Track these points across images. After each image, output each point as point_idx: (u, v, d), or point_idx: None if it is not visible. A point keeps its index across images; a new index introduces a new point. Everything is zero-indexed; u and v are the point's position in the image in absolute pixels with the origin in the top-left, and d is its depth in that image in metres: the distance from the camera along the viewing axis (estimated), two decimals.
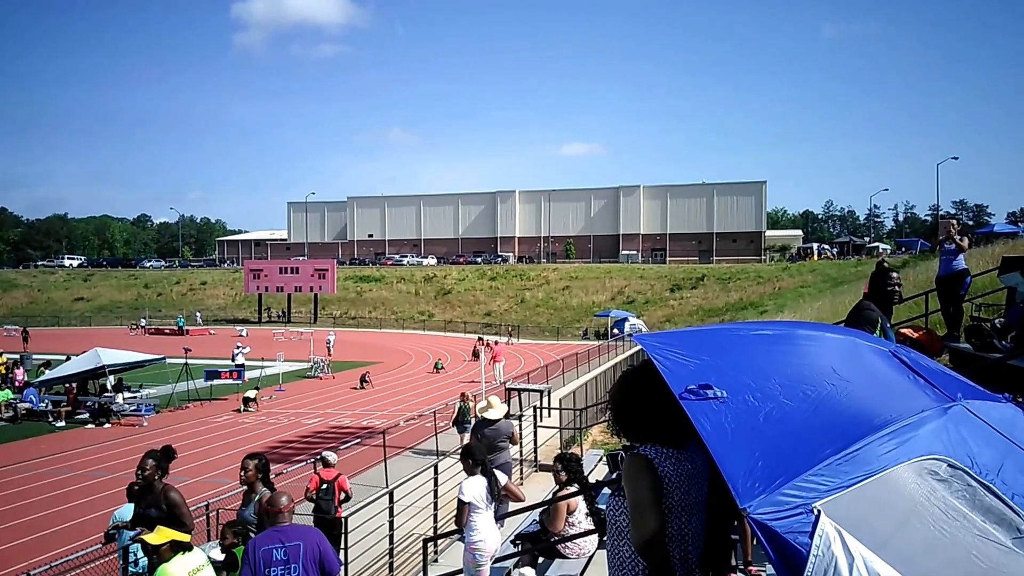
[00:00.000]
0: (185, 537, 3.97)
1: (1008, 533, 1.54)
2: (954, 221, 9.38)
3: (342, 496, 8.78)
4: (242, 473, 5.62)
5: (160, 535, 3.87)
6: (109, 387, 21.22)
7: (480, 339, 37.04)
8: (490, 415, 8.56)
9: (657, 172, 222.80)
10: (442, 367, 32.49)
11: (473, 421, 13.05)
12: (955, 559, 1.49)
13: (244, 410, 21.72)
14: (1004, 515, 1.56)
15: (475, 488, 5.42)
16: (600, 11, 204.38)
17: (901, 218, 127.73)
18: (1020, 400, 1.91)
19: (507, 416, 9.10)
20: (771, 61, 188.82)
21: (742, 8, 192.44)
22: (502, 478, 5.77)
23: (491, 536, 5.48)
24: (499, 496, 5.69)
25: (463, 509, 5.36)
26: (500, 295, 62.48)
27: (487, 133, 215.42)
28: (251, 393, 22.60)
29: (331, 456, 9.32)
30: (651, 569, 1.94)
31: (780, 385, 1.75)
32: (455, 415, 15.27)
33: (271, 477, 5.73)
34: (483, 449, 6.30)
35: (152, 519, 5.23)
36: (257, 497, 5.47)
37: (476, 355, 31.79)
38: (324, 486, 8.67)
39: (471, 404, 14.60)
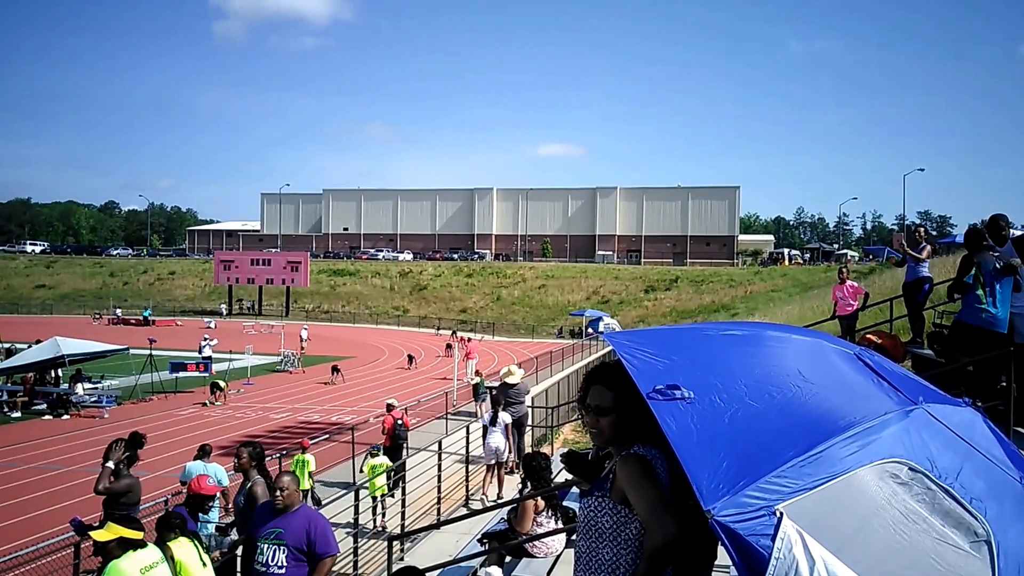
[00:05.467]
0: (136, 534, 3.77)
1: (966, 537, 1.55)
2: (921, 229, 9.53)
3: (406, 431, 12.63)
4: (236, 461, 5.74)
5: (108, 531, 3.69)
6: (61, 376, 20.66)
7: (453, 333, 36.86)
8: (511, 380, 11.39)
9: (633, 175, 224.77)
10: (415, 362, 32.27)
11: (487, 391, 17.69)
12: (914, 562, 1.49)
13: (211, 400, 21.33)
14: (962, 519, 1.56)
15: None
16: (580, 15, 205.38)
17: (869, 226, 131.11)
18: (979, 404, 1.93)
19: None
20: (746, 72, 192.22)
21: (717, 22, 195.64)
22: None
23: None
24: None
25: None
26: (476, 292, 62.35)
27: (465, 130, 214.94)
28: (219, 382, 22.22)
29: (394, 401, 13.08)
30: (651, 570, 1.86)
31: (746, 386, 1.73)
32: (474, 388, 19.10)
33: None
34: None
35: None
36: (250, 484, 5.61)
37: (449, 349, 31.66)
38: (398, 422, 12.38)
39: (483, 379, 18.81)
